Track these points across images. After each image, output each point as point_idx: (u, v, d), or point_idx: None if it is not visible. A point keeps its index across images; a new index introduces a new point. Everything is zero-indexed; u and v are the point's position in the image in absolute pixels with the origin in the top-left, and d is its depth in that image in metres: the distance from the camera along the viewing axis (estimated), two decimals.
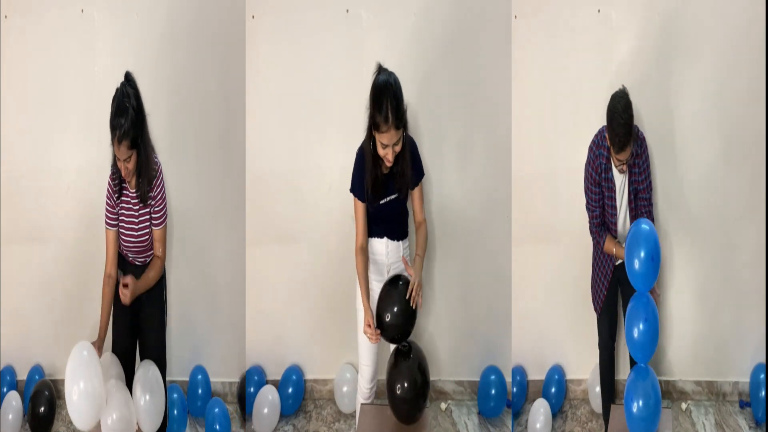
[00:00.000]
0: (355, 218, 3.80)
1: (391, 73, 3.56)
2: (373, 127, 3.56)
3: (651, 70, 4.18)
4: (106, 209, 3.76)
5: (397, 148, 3.59)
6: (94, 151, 4.32)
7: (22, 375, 4.61)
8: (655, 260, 3.43)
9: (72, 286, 4.51)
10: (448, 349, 4.55)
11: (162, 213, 3.77)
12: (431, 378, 4.52)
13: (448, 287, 4.47)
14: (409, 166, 3.74)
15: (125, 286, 3.66)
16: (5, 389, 4.50)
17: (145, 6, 4.26)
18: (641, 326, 3.46)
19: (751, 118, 4.19)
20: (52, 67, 4.32)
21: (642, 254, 3.41)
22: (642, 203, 3.97)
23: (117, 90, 3.55)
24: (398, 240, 3.88)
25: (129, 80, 3.59)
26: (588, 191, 4.01)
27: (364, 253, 3.80)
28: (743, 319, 4.40)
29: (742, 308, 4.40)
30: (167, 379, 4.07)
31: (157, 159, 3.74)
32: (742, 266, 4.36)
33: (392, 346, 3.76)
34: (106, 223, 3.76)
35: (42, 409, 4.33)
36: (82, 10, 4.27)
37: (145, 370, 3.79)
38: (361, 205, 3.76)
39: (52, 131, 4.39)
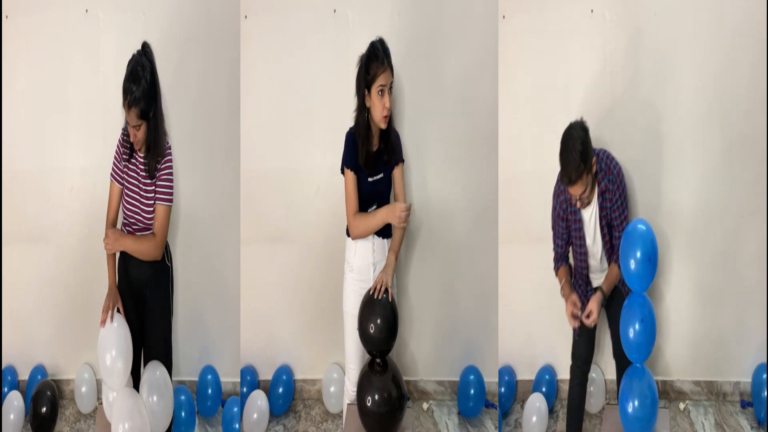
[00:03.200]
0: (347, 193, 3.80)
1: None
2: (370, 79, 3.66)
3: (647, 70, 4.17)
4: (113, 164, 3.77)
5: (391, 97, 3.70)
6: (98, 152, 4.33)
7: (23, 375, 4.62)
8: (652, 261, 3.40)
9: (75, 287, 4.51)
10: (430, 349, 4.56)
11: (166, 189, 3.73)
12: (414, 378, 4.57)
13: (431, 286, 4.47)
14: (397, 140, 3.85)
15: (106, 237, 3.75)
16: (6, 389, 4.50)
17: (151, 6, 4.26)
18: (637, 326, 3.44)
19: (751, 118, 4.18)
20: (56, 67, 4.33)
21: (638, 255, 3.38)
22: (616, 241, 3.82)
23: (133, 56, 3.58)
24: (383, 238, 3.89)
25: (146, 51, 3.62)
26: (553, 223, 3.96)
27: (360, 215, 3.82)
28: (744, 319, 4.39)
29: (743, 308, 4.38)
30: (175, 379, 4.08)
31: (169, 141, 3.74)
32: (744, 265, 4.34)
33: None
34: (111, 176, 3.77)
35: (44, 409, 4.34)
36: (87, 10, 4.27)
37: (153, 372, 3.78)
38: (352, 178, 3.78)
39: (55, 132, 4.39)
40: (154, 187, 3.72)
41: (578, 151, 3.56)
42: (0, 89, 4.30)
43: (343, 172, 3.79)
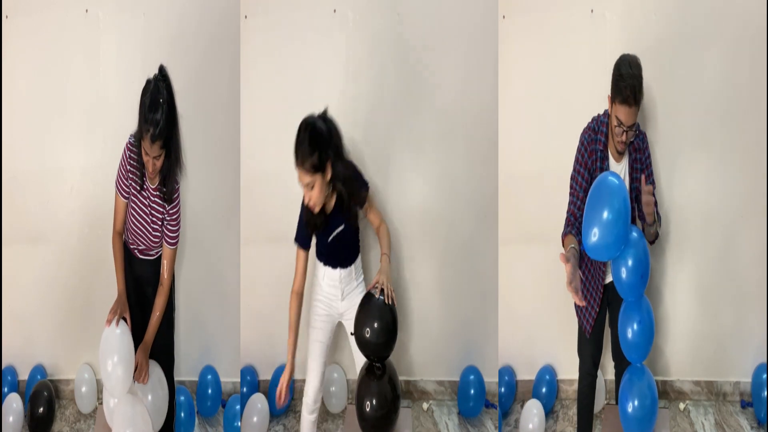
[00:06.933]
0: (296, 264, 3.77)
1: (319, 120, 3.50)
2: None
3: (647, 71, 4.16)
4: (119, 178, 3.68)
5: (314, 193, 3.54)
6: (99, 152, 4.34)
7: (23, 375, 4.61)
8: (644, 265, 3.37)
9: (75, 286, 4.51)
10: (431, 349, 4.56)
11: (175, 233, 3.74)
12: (414, 378, 4.56)
13: (431, 287, 4.47)
14: (348, 194, 3.67)
15: (136, 368, 3.69)
16: (6, 389, 4.50)
17: (151, 6, 4.26)
18: (635, 326, 3.42)
19: (751, 118, 4.19)
20: (56, 67, 4.32)
21: (630, 263, 3.31)
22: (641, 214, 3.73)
23: (149, 83, 3.47)
24: (351, 264, 3.85)
25: (163, 75, 3.51)
26: (574, 176, 3.72)
27: (299, 298, 3.78)
28: (744, 319, 4.39)
29: (743, 307, 4.38)
30: (176, 379, 4.08)
31: (181, 174, 3.68)
32: (743, 265, 4.34)
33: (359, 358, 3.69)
34: (118, 190, 3.70)
35: (41, 409, 4.34)
36: (87, 10, 4.27)
37: (149, 371, 3.78)
38: (301, 258, 3.77)
39: (55, 132, 4.39)
40: (162, 218, 3.71)
41: (637, 71, 3.52)
42: (0, 89, 4.30)
43: None
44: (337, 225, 3.74)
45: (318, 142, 3.46)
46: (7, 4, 4.26)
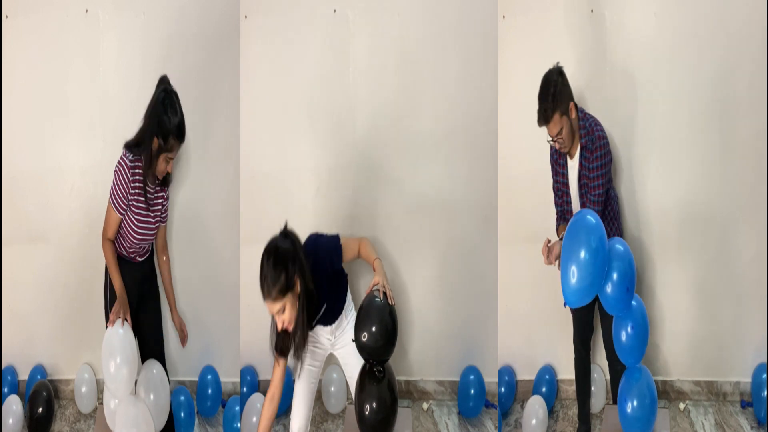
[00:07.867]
0: (273, 370, 3.56)
1: (280, 239, 3.35)
2: None
3: (647, 70, 4.18)
4: (120, 196, 3.68)
5: (286, 316, 3.31)
6: (98, 152, 4.34)
7: (23, 375, 4.62)
8: (630, 279, 3.27)
9: (74, 286, 4.51)
10: (431, 349, 4.55)
11: (166, 210, 3.91)
12: (414, 378, 4.56)
13: (431, 286, 4.46)
14: (322, 294, 3.50)
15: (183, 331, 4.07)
16: (6, 389, 4.50)
17: (150, 6, 4.26)
18: (629, 330, 3.40)
19: (751, 117, 4.18)
20: (56, 67, 4.33)
21: (615, 277, 3.22)
22: (586, 200, 3.90)
23: (163, 92, 3.57)
24: (342, 311, 3.68)
25: (167, 82, 3.64)
26: (552, 181, 4.10)
27: (273, 404, 3.59)
28: (744, 319, 4.38)
29: (743, 307, 4.37)
30: (175, 379, 4.08)
31: None
32: (743, 265, 4.33)
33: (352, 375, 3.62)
34: (116, 208, 3.70)
35: (40, 409, 4.35)
36: (87, 10, 4.27)
37: (149, 370, 3.78)
38: (281, 361, 3.55)
39: (55, 132, 4.39)
40: (159, 212, 3.82)
41: (551, 93, 3.76)
42: (0, 89, 4.30)
43: None
44: (318, 311, 3.54)
45: (284, 266, 3.24)
46: (7, 4, 4.26)
